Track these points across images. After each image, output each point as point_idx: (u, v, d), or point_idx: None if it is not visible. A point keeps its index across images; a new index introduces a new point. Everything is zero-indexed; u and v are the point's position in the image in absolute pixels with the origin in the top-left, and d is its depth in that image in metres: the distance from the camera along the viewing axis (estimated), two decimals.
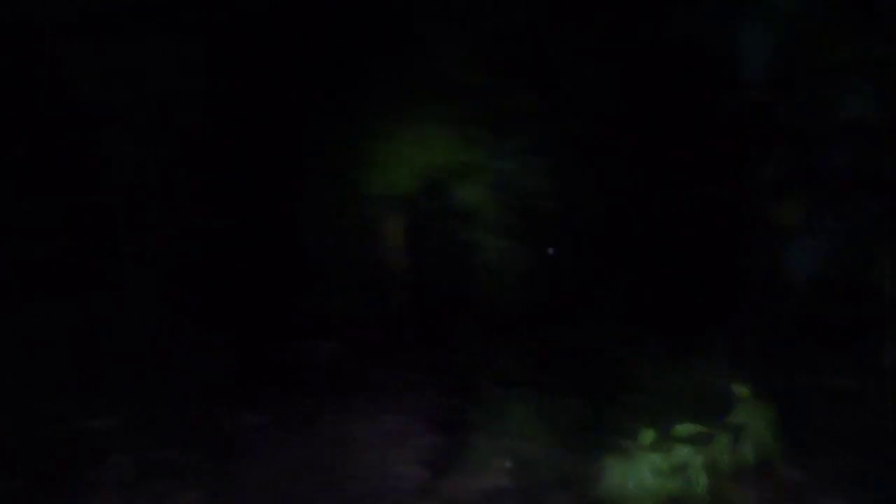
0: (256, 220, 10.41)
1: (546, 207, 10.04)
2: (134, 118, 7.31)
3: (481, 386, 8.58)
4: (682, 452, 3.71)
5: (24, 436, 5.00)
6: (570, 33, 8.24)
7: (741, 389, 3.69)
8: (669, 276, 7.39)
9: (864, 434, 4.85)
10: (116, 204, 7.31)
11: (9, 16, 4.84)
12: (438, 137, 11.84)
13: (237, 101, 8.53)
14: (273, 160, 10.72)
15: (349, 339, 12.64)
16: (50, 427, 5.49)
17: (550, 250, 10.34)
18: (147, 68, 7.07)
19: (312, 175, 11.83)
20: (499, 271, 11.59)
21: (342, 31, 10.25)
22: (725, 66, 3.92)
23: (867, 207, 4.68)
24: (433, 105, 11.68)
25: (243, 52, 8.35)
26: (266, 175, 10.67)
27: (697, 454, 3.67)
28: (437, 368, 11.37)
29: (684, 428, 3.81)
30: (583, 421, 6.19)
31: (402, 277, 14.12)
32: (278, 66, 9.61)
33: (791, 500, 4.54)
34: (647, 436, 3.91)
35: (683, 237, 7.17)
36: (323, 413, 9.09)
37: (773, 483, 4.42)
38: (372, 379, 10.98)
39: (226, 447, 6.73)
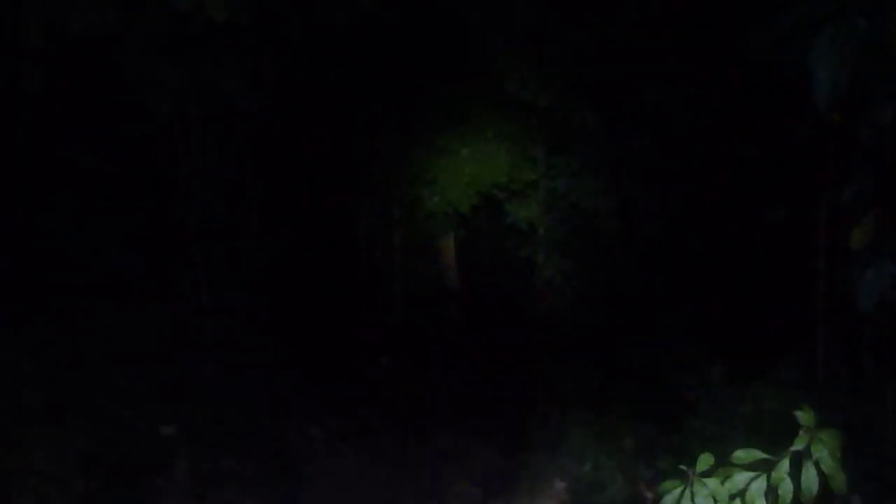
0: (322, 235, 10.60)
1: (607, 227, 9.97)
2: (206, 133, 7.54)
3: (539, 406, 8.56)
4: (742, 479, 3.62)
5: (97, 439, 5.17)
6: (638, 52, 8.19)
7: (806, 416, 3.58)
8: (735, 300, 7.25)
9: None
10: (189, 216, 7.53)
11: (94, 32, 5.05)
12: (497, 155, 11.89)
13: (305, 118, 8.73)
14: (338, 176, 10.92)
15: (409, 354, 12.73)
16: (121, 432, 5.66)
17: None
18: (220, 85, 7.30)
19: (375, 191, 12.01)
20: (557, 290, 11.54)
21: (407, 50, 10.40)
22: (801, 86, 3.84)
23: None
24: (494, 122, 11.75)
25: (312, 71, 8.53)
26: (331, 190, 10.87)
27: (757, 481, 3.58)
28: (496, 387, 11.36)
29: (745, 454, 3.71)
30: (642, 445, 6.12)
31: (459, 295, 14.18)
32: (344, 83, 9.79)
33: None
34: (706, 461, 3.82)
35: (751, 260, 7.04)
36: (382, 428, 9.17)
37: None
38: (430, 396, 11.03)
39: (287, 458, 6.84)
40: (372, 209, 12.08)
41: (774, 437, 4.83)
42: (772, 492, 3.62)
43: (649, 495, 5.44)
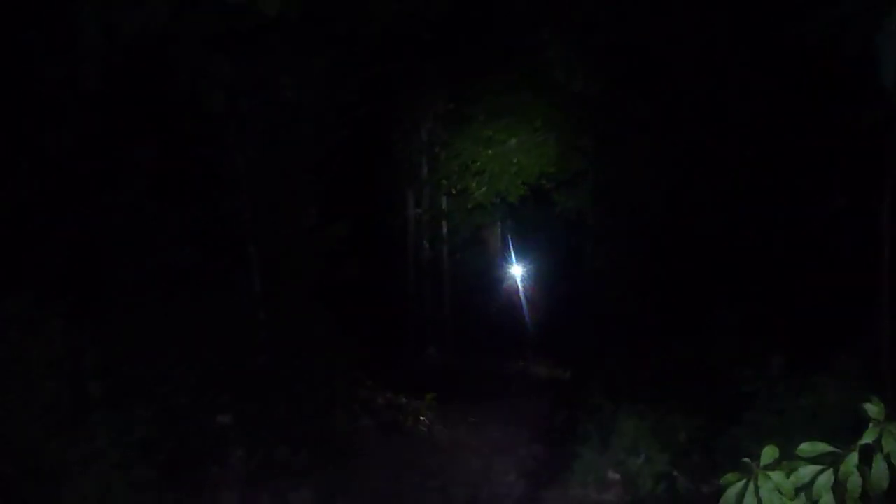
0: (373, 227, 10.67)
1: (657, 217, 9.83)
2: (259, 128, 7.62)
3: (593, 398, 8.49)
4: (807, 472, 3.52)
5: (156, 428, 5.28)
6: (689, 39, 8.04)
7: (875, 408, 3.47)
8: (794, 291, 7.09)
9: None
10: (242, 210, 7.62)
11: (149, 30, 5.11)
12: (546, 145, 11.83)
13: (355, 110, 8.76)
14: (387, 168, 10.98)
15: (457, 345, 12.76)
16: (179, 421, 5.77)
17: None
18: (272, 80, 7.37)
19: (424, 182, 12.05)
20: (607, 281, 11.45)
21: (455, 41, 10.38)
22: (865, 69, 3.71)
23: None
24: (542, 113, 11.69)
25: (361, 64, 8.56)
26: (381, 182, 10.93)
27: (824, 475, 3.47)
28: (546, 379, 11.33)
29: (810, 446, 3.60)
30: (697, 438, 6.03)
31: (506, 284, 14.16)
32: (393, 75, 9.81)
33: None
34: (769, 454, 3.73)
35: (811, 250, 6.87)
36: (432, 419, 9.21)
37: None
38: (479, 387, 11.05)
39: (339, 447, 6.90)
40: (420, 201, 12.14)
41: (836, 430, 4.71)
42: (839, 486, 3.52)
43: (705, 489, 5.36)
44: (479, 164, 11.98)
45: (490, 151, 11.86)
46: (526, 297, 14.49)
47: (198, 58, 5.91)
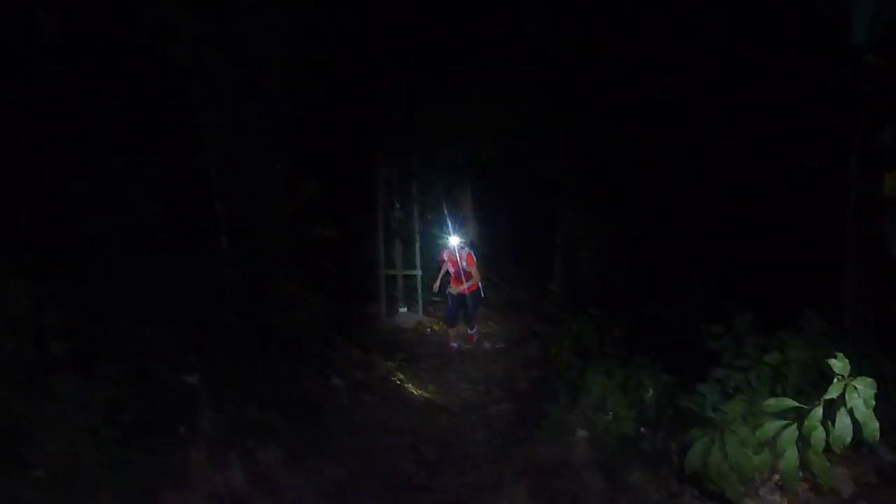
0: (343, 186, 10.57)
1: (630, 178, 9.85)
2: (226, 83, 7.46)
3: (561, 356, 8.57)
4: (772, 427, 3.58)
5: (122, 388, 5.21)
6: None
7: (839, 364, 3.53)
8: (762, 250, 7.15)
9: None
10: (209, 167, 7.49)
11: None
12: (519, 107, 11.73)
13: (325, 67, 8.61)
14: (358, 126, 10.84)
15: (431, 305, 12.79)
16: (145, 381, 5.71)
17: None
18: (240, 35, 7.19)
19: (395, 142, 11.93)
20: (582, 241, 11.50)
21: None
22: (837, 27, 3.70)
23: None
24: (516, 73, 11.57)
25: (332, 19, 8.39)
26: (352, 141, 10.81)
27: (789, 429, 3.54)
28: (517, 337, 11.40)
29: (775, 402, 3.68)
30: (666, 395, 6.09)
31: (483, 244, 14.15)
32: (364, 31, 9.64)
33: (887, 484, 4.37)
34: (735, 409, 3.80)
35: (781, 210, 6.91)
36: (403, 378, 9.24)
37: (869, 464, 4.27)
38: (449, 345, 11.09)
39: (310, 407, 6.89)
40: (390, 160, 12.03)
41: (801, 387, 4.80)
42: (803, 440, 3.60)
43: (672, 445, 5.42)
44: (450, 123, 11.87)
45: (461, 111, 11.75)
46: (498, 255, 14.54)
47: (161, 9, 5.77)
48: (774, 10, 5.55)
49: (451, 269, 10.98)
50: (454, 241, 10.92)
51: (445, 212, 12.24)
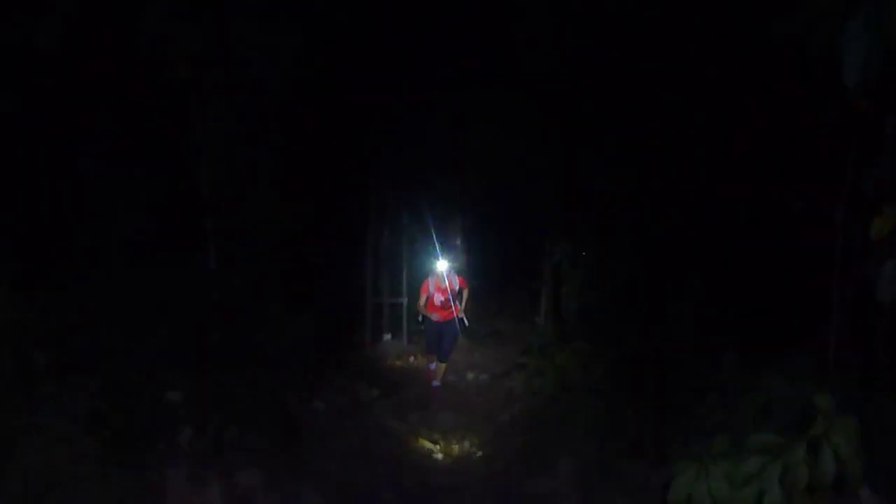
0: (335, 209, 10.60)
1: (618, 214, 9.91)
2: (223, 102, 7.49)
3: (546, 389, 8.55)
4: (756, 462, 3.59)
5: (103, 401, 5.17)
6: (654, 38, 8.11)
7: (823, 401, 3.55)
8: (748, 290, 7.21)
9: None
10: (201, 185, 7.50)
11: None
12: (510, 142, 11.82)
13: (322, 88, 8.67)
14: (353, 150, 10.88)
15: (413, 334, 12.73)
16: (127, 395, 5.65)
17: None
18: (238, 53, 7.25)
19: (390, 168, 11.97)
20: (567, 276, 11.53)
21: (427, 18, 10.30)
22: (828, 72, 3.77)
23: None
24: (508, 109, 11.68)
25: (330, 41, 8.47)
26: (346, 165, 10.84)
27: (772, 465, 3.55)
28: (501, 369, 11.36)
29: (759, 438, 3.69)
30: (650, 431, 6.09)
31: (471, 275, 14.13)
32: (363, 55, 9.72)
33: None
34: (720, 444, 3.80)
35: (766, 251, 6.98)
36: (385, 405, 9.19)
37: (852, 503, 4.27)
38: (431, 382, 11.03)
39: (290, 429, 6.82)
40: (382, 188, 12.06)
41: (785, 425, 4.81)
42: (787, 476, 3.60)
43: (654, 479, 5.41)
44: (442, 155, 11.94)
45: (454, 144, 11.84)
46: (484, 291, 14.53)
47: (162, 24, 5.81)
48: (765, 52, 5.64)
49: (441, 298, 10.15)
50: (443, 265, 10.14)
51: (435, 240, 11.70)
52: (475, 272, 14.08)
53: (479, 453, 7.96)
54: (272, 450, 6.32)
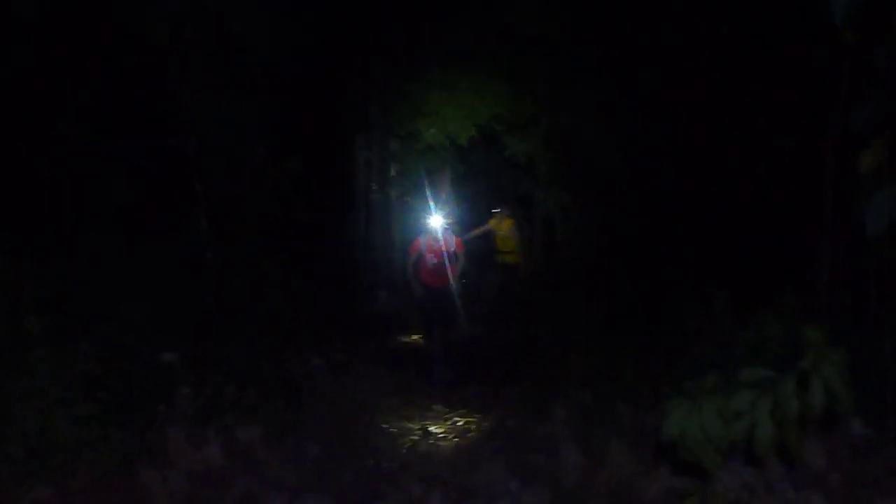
0: (322, 167, 10.54)
1: (609, 162, 9.89)
2: (206, 64, 7.40)
3: (540, 341, 8.59)
4: (748, 396, 3.60)
5: (99, 365, 5.18)
6: None
7: (813, 334, 3.55)
8: (739, 230, 7.23)
9: None
10: (188, 148, 7.44)
11: None
12: (497, 88, 11.73)
13: (306, 49, 8.56)
14: (338, 108, 10.79)
15: (407, 288, 12.77)
16: (123, 358, 5.68)
17: None
18: (219, 13, 7.14)
19: (374, 124, 11.89)
20: (559, 224, 11.53)
21: None
22: (814, 11, 3.72)
23: None
24: (495, 56, 11.56)
25: (313, 1, 8.34)
26: (331, 123, 10.76)
27: (763, 399, 3.56)
28: (496, 318, 11.41)
29: (750, 372, 3.69)
30: (644, 373, 6.15)
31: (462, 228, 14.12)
32: (345, 14, 9.59)
33: (859, 455, 4.45)
34: (712, 381, 3.81)
35: (756, 190, 6.99)
36: (382, 360, 9.24)
37: (843, 438, 4.34)
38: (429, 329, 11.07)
39: (289, 386, 6.87)
40: (370, 142, 11.99)
41: (777, 361, 4.84)
42: (778, 409, 3.62)
43: (650, 419, 5.46)
44: (429, 106, 11.84)
45: (441, 93, 11.73)
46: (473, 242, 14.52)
47: None
48: None
49: (433, 260, 8.91)
50: (436, 221, 8.95)
51: (426, 193, 11.19)
52: (465, 225, 14.08)
53: (476, 402, 8.04)
54: (271, 406, 6.37)
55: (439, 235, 8.93)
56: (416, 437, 7.05)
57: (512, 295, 11.39)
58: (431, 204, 10.12)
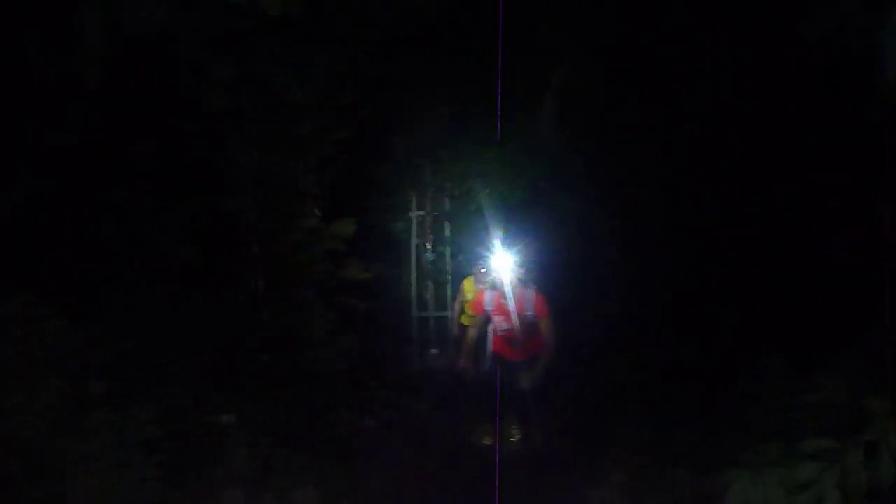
0: (374, 228, 10.68)
1: (658, 218, 9.83)
2: (261, 128, 7.64)
3: (593, 399, 8.48)
4: (811, 468, 3.53)
5: (158, 427, 5.28)
6: (688, 38, 8.07)
7: (878, 403, 3.49)
8: (794, 290, 7.10)
9: None
10: (244, 210, 7.65)
11: (151, 30, 5.14)
12: (546, 146, 11.78)
13: (357, 110, 8.78)
14: (388, 170, 10.97)
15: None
16: (181, 420, 5.78)
17: None
18: (273, 80, 7.39)
19: (427, 184, 12.03)
20: (611, 284, 11.42)
21: (454, 41, 10.37)
22: (864, 68, 3.73)
23: None
24: (540, 113, 11.66)
25: (362, 64, 8.57)
26: (380, 184, 10.93)
27: (829, 471, 3.49)
28: (547, 380, 11.28)
29: (814, 443, 3.63)
30: (698, 437, 6.02)
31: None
32: (394, 74, 9.80)
33: None
34: (772, 450, 3.75)
35: (813, 247, 6.88)
36: (431, 419, 9.20)
37: None
38: (478, 388, 11.00)
39: (342, 448, 6.89)
40: (423, 201, 12.12)
41: (839, 429, 4.72)
42: (844, 482, 3.53)
43: (708, 486, 5.34)
44: (480, 165, 11.94)
45: (490, 153, 11.83)
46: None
47: (198, 57, 5.94)
48: (805, 48, 5.58)
49: (503, 324, 6.85)
50: (505, 268, 6.81)
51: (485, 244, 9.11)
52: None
53: (532, 465, 7.92)
54: (325, 468, 6.39)
55: (508, 294, 6.73)
56: (469, 499, 6.97)
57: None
58: (496, 248, 7.94)
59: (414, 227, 12.16)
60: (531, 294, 6.90)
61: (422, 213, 12.28)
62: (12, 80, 5.87)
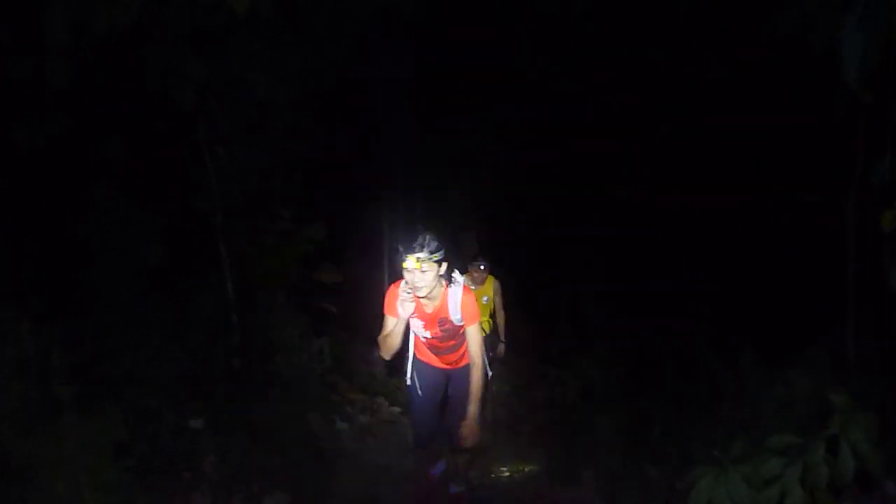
0: (349, 229, 10.63)
1: (632, 214, 9.92)
2: (231, 126, 7.58)
3: (566, 397, 8.53)
4: (776, 464, 3.57)
5: (127, 431, 5.21)
6: (661, 37, 8.14)
7: (840, 398, 3.52)
8: (764, 285, 7.19)
9: None
10: (214, 210, 7.58)
11: (119, 27, 5.08)
12: (518, 143, 11.83)
13: (328, 110, 8.74)
14: (359, 167, 10.93)
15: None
16: (150, 424, 5.71)
17: None
18: (243, 77, 7.34)
19: (401, 186, 12.02)
20: (584, 281, 11.50)
21: (431, 40, 10.37)
22: (831, 67, 3.78)
23: None
24: (517, 113, 11.71)
25: (334, 62, 8.54)
26: (356, 184, 10.88)
27: (792, 466, 3.52)
28: (522, 380, 11.32)
29: (778, 438, 3.66)
30: (671, 432, 6.07)
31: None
32: (367, 74, 9.77)
33: None
34: (737, 446, 3.78)
35: (779, 245, 6.97)
36: (405, 422, 9.17)
37: (874, 499, 4.23)
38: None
39: (315, 451, 6.84)
40: (396, 204, 12.10)
41: (806, 420, 4.78)
42: (807, 476, 3.57)
43: (678, 484, 5.38)
44: (454, 164, 11.99)
45: (472, 163, 11.89)
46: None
47: (168, 55, 5.89)
48: (770, 50, 5.66)
49: (427, 333, 5.38)
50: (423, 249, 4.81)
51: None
52: None
53: (504, 467, 7.94)
54: (297, 472, 6.35)
55: (453, 284, 5.07)
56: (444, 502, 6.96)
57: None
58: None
59: (386, 230, 12.14)
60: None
61: (394, 214, 12.27)
62: None
